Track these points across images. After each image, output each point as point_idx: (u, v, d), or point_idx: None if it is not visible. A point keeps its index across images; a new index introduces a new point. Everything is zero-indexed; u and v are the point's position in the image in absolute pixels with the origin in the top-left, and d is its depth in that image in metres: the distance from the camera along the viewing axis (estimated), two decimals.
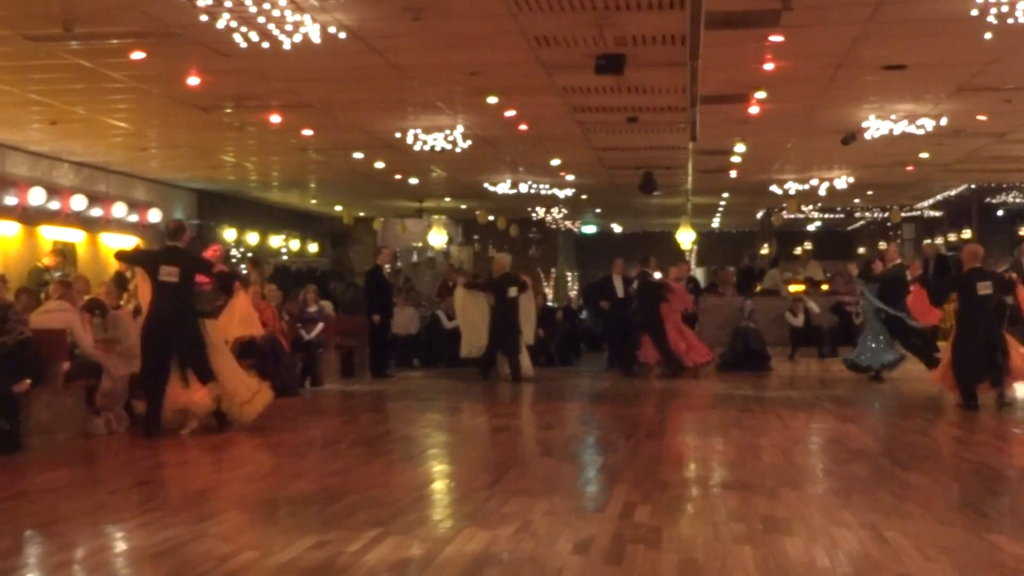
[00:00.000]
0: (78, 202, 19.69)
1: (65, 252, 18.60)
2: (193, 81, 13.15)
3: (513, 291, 17.43)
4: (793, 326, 20.07)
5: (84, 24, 10.70)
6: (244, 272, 19.49)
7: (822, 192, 24.42)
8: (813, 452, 10.03)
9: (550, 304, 24.42)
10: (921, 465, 8.91)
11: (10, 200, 18.07)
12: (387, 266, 18.81)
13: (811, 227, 36.62)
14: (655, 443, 10.27)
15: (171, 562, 5.54)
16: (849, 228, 37.47)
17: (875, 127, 16.19)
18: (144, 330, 10.92)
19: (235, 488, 7.86)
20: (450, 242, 31.45)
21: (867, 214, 32.68)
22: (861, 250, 37.39)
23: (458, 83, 13.78)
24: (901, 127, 16.10)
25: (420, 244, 31.12)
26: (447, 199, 27.77)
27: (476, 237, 33.31)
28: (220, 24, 10.24)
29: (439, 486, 8.21)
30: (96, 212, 20.47)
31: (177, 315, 10.81)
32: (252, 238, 27.16)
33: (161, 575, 5.29)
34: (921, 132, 16.31)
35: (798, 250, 32.98)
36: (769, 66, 12.71)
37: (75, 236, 20.09)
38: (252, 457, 9.52)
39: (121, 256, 12.57)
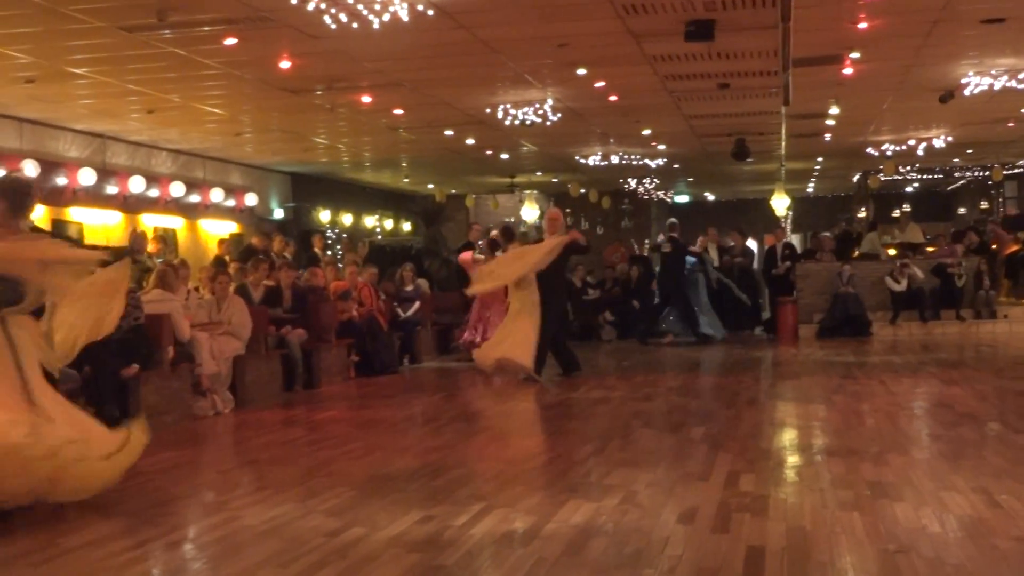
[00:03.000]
0: (176, 189, 20.03)
1: (166, 239, 18.96)
2: (284, 65, 13.27)
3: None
4: (894, 291, 19.74)
5: (177, 13, 10.86)
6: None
7: (920, 152, 23.92)
8: (919, 416, 9.87)
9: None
10: None
11: (111, 189, 18.45)
12: (479, 242, 18.84)
13: (909, 189, 35.90)
14: (757, 411, 10.19)
15: (281, 539, 5.63)
16: (948, 188, 36.65)
17: (974, 83, 15.78)
18: None
19: (340, 465, 7.96)
20: (542, 216, 31.42)
21: (967, 173, 31.89)
22: (961, 210, 36.58)
23: (547, 56, 13.72)
24: (1001, 82, 15.67)
25: (512, 219, 31.16)
26: (538, 173, 27.74)
27: (568, 210, 33.16)
28: (310, 6, 10.32)
29: (541, 459, 8.23)
30: (194, 198, 20.82)
31: None
32: (346, 219, 27.43)
33: (272, 552, 5.38)
34: (1023, 87, 15.89)
35: (896, 212, 32.36)
36: (863, 25, 12.45)
37: (174, 223, 20.47)
38: (356, 435, 9.62)
39: None
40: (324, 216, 26.29)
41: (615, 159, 24.05)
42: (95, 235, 18.02)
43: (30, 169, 16.13)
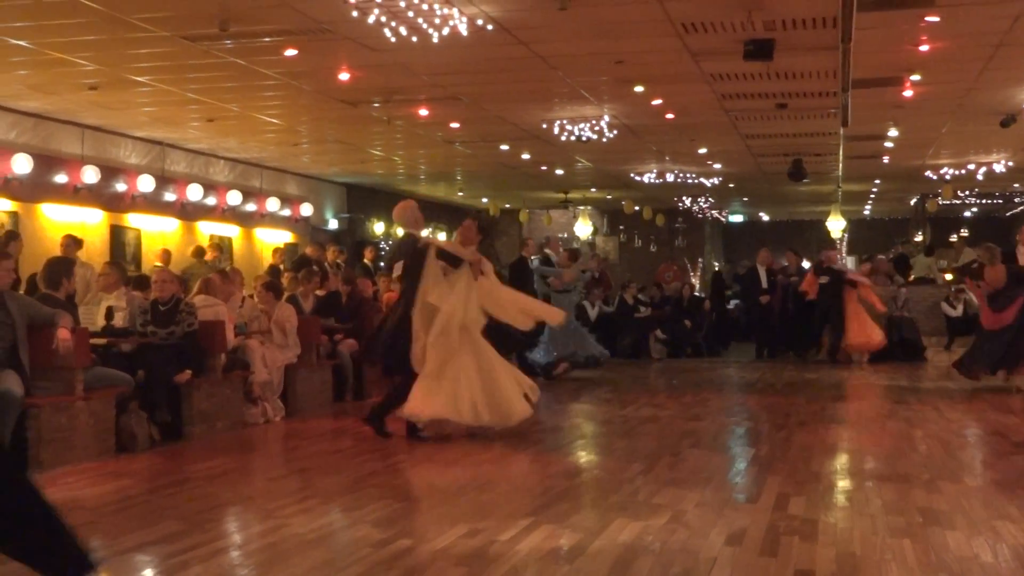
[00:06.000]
0: (233, 197, 20.23)
1: (222, 246, 19.17)
2: (343, 76, 13.38)
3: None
4: (950, 316, 19.52)
5: (238, 23, 10.97)
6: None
7: (979, 177, 23.68)
8: (973, 444, 9.74)
9: (697, 294, 24.23)
10: None
11: (170, 196, 18.66)
12: (533, 257, 18.84)
13: (967, 213, 35.54)
14: (807, 434, 10.09)
15: (328, 548, 5.66)
16: (1008, 214, 36.22)
17: None
18: None
19: (389, 476, 7.98)
20: (595, 233, 31.41)
21: None
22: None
23: (604, 72, 13.73)
24: None
25: (566, 235, 31.18)
26: (593, 189, 27.74)
27: (622, 227, 33.21)
28: (370, 19, 10.41)
29: (589, 476, 8.20)
30: (250, 207, 21.01)
31: None
32: (400, 231, 27.51)
33: (319, 561, 5.40)
34: None
35: (953, 237, 32.01)
36: (924, 47, 12.36)
37: (231, 231, 20.65)
38: (404, 446, 9.63)
39: None
40: (378, 228, 26.43)
41: (670, 177, 24.00)
42: (152, 241, 18.23)
43: (90, 175, 16.36)
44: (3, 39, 11.51)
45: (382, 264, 20.05)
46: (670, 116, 16.70)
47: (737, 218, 37.46)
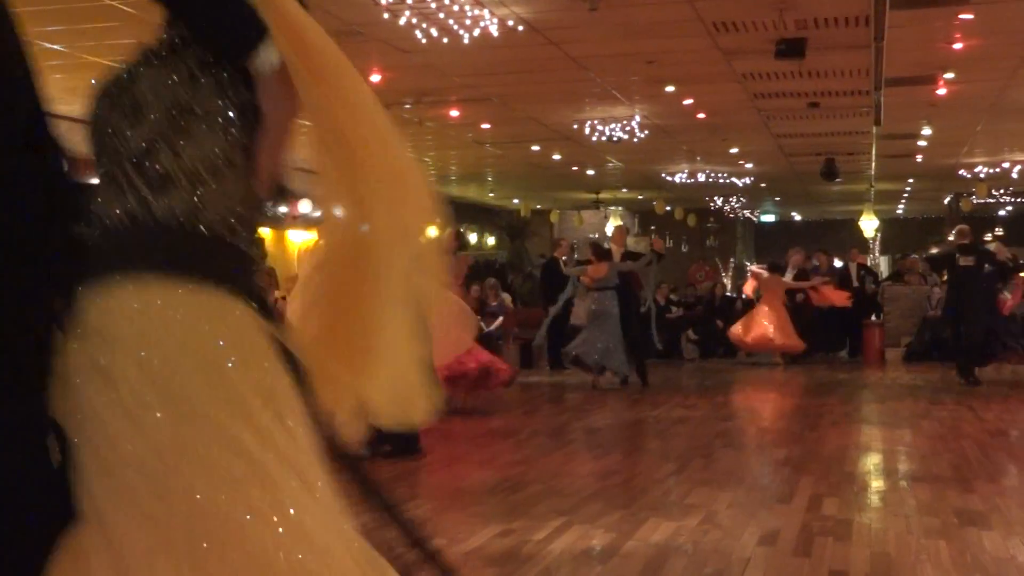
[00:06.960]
0: None
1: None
2: (374, 78, 13.40)
3: None
4: None
5: None
6: None
7: (1014, 175, 23.49)
8: (1009, 444, 9.67)
9: (729, 294, 24.15)
10: None
11: None
12: (564, 258, 18.83)
13: (1002, 212, 35.26)
14: (840, 434, 10.05)
15: None
16: None
17: None
18: None
19: (420, 476, 8.00)
20: (627, 233, 31.31)
21: None
22: None
23: (635, 72, 13.70)
24: None
25: (597, 235, 31.13)
26: (624, 190, 27.69)
27: (653, 228, 33.05)
28: (402, 21, 10.44)
29: (621, 476, 8.18)
30: (282, 209, 21.07)
31: None
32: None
33: None
34: None
35: (988, 236, 31.77)
36: (958, 45, 12.27)
37: (262, 232, 20.73)
38: (435, 447, 9.64)
39: None
40: None
41: (701, 177, 23.94)
42: None
43: None
44: (38, 43, 11.58)
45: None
46: (701, 116, 16.65)
47: (769, 218, 37.30)
